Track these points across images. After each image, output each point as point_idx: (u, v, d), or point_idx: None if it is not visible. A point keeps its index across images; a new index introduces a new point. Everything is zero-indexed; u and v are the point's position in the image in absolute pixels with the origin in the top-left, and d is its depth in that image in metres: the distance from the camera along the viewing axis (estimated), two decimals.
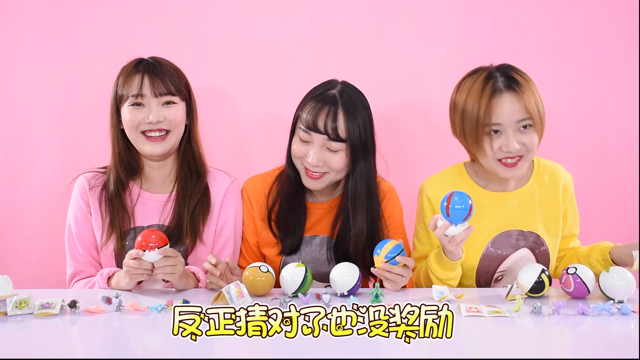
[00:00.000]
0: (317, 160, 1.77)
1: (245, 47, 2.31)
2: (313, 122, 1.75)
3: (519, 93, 1.71)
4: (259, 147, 2.32)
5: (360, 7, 2.31)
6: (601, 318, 1.47)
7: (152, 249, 1.61)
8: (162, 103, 1.83)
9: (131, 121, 1.82)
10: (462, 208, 1.58)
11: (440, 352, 1.28)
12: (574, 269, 1.62)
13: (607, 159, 2.33)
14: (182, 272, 1.68)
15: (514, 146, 1.70)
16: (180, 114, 1.86)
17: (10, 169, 2.29)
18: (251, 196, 1.92)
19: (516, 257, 1.84)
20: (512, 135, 1.71)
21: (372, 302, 1.56)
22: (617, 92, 2.32)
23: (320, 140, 1.77)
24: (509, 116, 1.70)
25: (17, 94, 2.28)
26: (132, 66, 1.85)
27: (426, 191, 1.87)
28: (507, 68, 1.77)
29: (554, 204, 1.86)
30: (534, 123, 1.72)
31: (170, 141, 1.85)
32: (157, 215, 1.88)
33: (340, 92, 1.79)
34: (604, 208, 2.32)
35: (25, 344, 1.32)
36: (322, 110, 1.75)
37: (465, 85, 1.77)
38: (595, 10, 2.30)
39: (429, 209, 1.86)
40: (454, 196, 1.59)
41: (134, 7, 2.28)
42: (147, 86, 1.81)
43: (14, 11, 2.27)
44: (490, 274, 1.86)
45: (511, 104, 1.70)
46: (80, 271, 1.87)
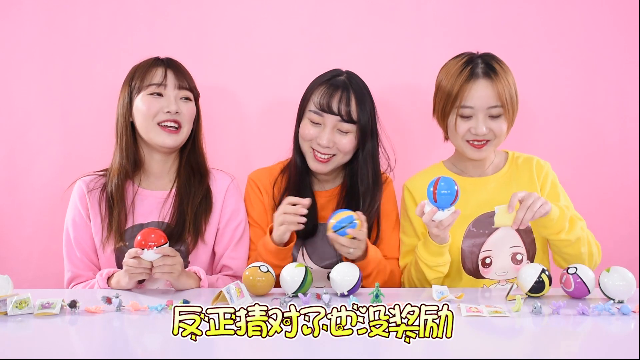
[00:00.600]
0: (328, 141, 1.84)
1: (246, 46, 2.31)
2: (327, 105, 1.83)
3: (494, 81, 1.79)
4: (259, 146, 2.32)
5: (360, 7, 2.31)
6: (601, 318, 1.47)
7: (151, 247, 1.61)
8: (181, 97, 1.88)
9: (148, 109, 1.84)
10: (448, 193, 1.61)
11: (440, 352, 1.28)
12: (574, 268, 1.62)
13: (607, 159, 2.33)
14: (180, 272, 1.68)
15: (481, 129, 1.80)
16: (193, 111, 1.91)
17: (10, 169, 2.29)
18: (259, 185, 1.97)
19: (499, 234, 1.87)
20: (482, 119, 1.80)
21: (372, 302, 1.57)
22: (617, 92, 2.32)
23: (333, 122, 1.84)
24: (482, 101, 1.79)
25: (17, 94, 2.29)
26: (152, 60, 1.89)
27: (408, 187, 1.96)
28: (489, 57, 1.86)
29: (529, 187, 1.89)
30: (504, 111, 1.80)
31: (181, 135, 1.88)
32: (156, 212, 1.89)
33: (349, 78, 1.89)
34: (604, 208, 2.32)
35: (25, 344, 1.32)
36: (335, 93, 1.84)
37: (447, 66, 1.88)
38: (595, 10, 2.30)
39: (412, 202, 1.93)
40: (440, 181, 1.62)
41: (134, 7, 2.29)
42: (171, 77, 1.86)
43: (14, 11, 2.27)
44: (475, 255, 1.87)
45: (485, 89, 1.79)
46: (77, 276, 1.87)
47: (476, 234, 1.87)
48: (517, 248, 1.86)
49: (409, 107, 2.33)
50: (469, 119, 1.81)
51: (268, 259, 1.78)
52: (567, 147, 2.32)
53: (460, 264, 1.88)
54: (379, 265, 1.82)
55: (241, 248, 1.93)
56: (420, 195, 1.91)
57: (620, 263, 1.73)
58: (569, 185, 1.97)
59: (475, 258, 1.88)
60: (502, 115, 1.80)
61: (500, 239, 1.87)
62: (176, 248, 1.75)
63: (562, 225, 1.74)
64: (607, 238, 2.25)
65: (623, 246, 2.33)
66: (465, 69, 1.81)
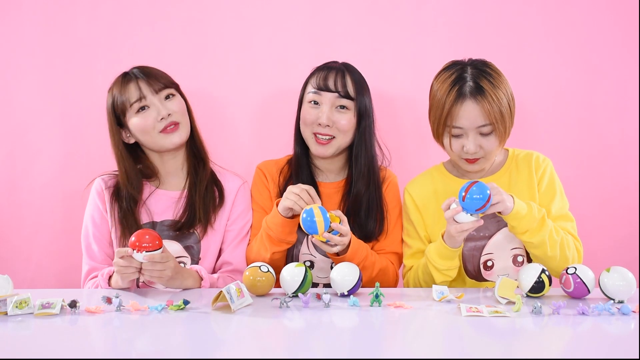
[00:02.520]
0: (327, 119, 1.88)
1: (246, 46, 2.31)
2: (324, 83, 1.89)
3: (481, 100, 1.77)
4: (260, 146, 2.32)
5: (360, 7, 2.31)
6: (601, 318, 1.47)
7: (140, 250, 1.61)
8: (164, 97, 1.89)
9: (144, 125, 1.87)
10: (479, 198, 1.61)
11: (441, 352, 1.28)
12: (573, 269, 1.62)
13: (607, 159, 2.33)
14: (170, 277, 1.68)
15: (471, 148, 1.79)
16: (182, 104, 1.93)
17: (10, 169, 2.29)
18: (266, 172, 2.01)
19: (499, 236, 1.86)
20: (472, 138, 1.79)
21: (372, 302, 1.57)
22: (617, 92, 2.32)
23: (331, 99, 1.89)
24: (470, 122, 1.78)
25: (17, 94, 2.29)
26: (121, 78, 1.91)
27: (409, 190, 1.96)
28: (479, 70, 1.80)
29: (528, 183, 1.88)
30: (494, 129, 1.78)
31: (184, 129, 1.92)
32: (170, 210, 1.92)
33: (345, 65, 1.95)
34: (604, 208, 2.32)
35: (25, 344, 1.32)
36: (330, 73, 1.91)
37: (440, 79, 1.84)
38: (595, 10, 2.30)
39: (413, 205, 1.93)
40: (473, 186, 1.62)
41: (134, 8, 2.29)
42: (144, 87, 1.87)
43: (14, 11, 2.27)
44: (476, 258, 1.87)
45: (473, 110, 1.77)
46: (94, 268, 1.90)
47: (477, 237, 1.87)
48: (517, 250, 1.86)
49: (408, 107, 2.32)
50: (461, 137, 1.80)
51: (275, 231, 1.81)
52: (567, 147, 2.32)
53: (462, 268, 1.87)
54: (365, 261, 1.83)
55: (243, 245, 1.96)
56: (421, 198, 1.92)
57: (620, 263, 1.73)
58: (569, 185, 1.97)
59: (477, 261, 1.87)
60: (493, 132, 1.79)
61: (501, 241, 1.86)
62: (188, 238, 1.84)
63: (528, 226, 1.72)
64: (607, 238, 2.26)
65: (623, 246, 2.33)
66: (454, 88, 1.78)
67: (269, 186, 1.99)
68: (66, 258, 2.29)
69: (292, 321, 1.47)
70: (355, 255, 1.80)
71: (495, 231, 1.86)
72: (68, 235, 2.26)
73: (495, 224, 1.87)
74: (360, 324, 1.46)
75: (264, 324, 1.44)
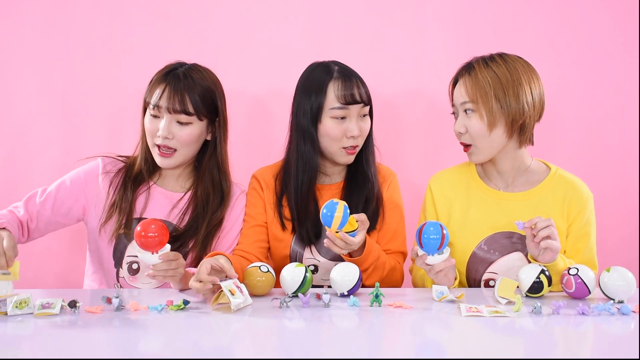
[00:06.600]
0: (360, 129, 1.85)
1: (246, 46, 2.31)
2: (351, 96, 1.83)
3: (469, 76, 1.74)
4: (260, 146, 2.32)
5: (360, 7, 2.31)
6: (601, 318, 1.47)
7: (148, 244, 1.58)
8: (176, 120, 1.80)
9: (148, 130, 1.83)
10: (435, 238, 1.58)
11: (441, 352, 1.28)
12: (575, 269, 1.62)
13: (607, 159, 2.33)
14: (182, 274, 1.67)
15: (457, 127, 1.77)
16: (194, 134, 1.82)
17: (10, 169, 2.29)
18: (262, 181, 1.96)
19: (510, 259, 1.79)
20: (460, 117, 1.77)
21: (372, 302, 1.57)
22: (617, 92, 2.32)
23: (357, 110, 1.85)
24: (456, 98, 1.77)
25: (17, 94, 2.29)
26: (162, 73, 1.82)
27: (430, 184, 1.92)
28: (492, 55, 1.78)
29: (561, 210, 1.79)
30: (476, 108, 1.72)
31: (177, 159, 1.83)
32: (165, 211, 1.88)
33: (342, 65, 1.89)
34: (604, 208, 2.32)
35: (25, 344, 1.32)
36: (349, 83, 1.84)
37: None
38: (595, 10, 2.30)
39: (430, 199, 1.90)
40: (426, 226, 1.59)
41: (134, 8, 2.29)
42: (164, 99, 1.78)
43: (14, 11, 2.27)
44: (479, 273, 1.81)
45: (460, 87, 1.76)
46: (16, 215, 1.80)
47: (486, 252, 1.80)
48: None
49: (408, 107, 2.32)
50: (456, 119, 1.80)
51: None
52: (567, 147, 2.32)
53: (464, 275, 1.84)
54: (377, 261, 1.82)
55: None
56: (438, 191, 1.88)
57: (620, 263, 1.73)
58: None
59: (479, 277, 1.82)
60: (475, 113, 1.72)
61: (510, 266, 1.78)
62: (176, 250, 1.75)
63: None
64: (607, 238, 2.26)
65: (623, 246, 2.33)
66: (458, 70, 1.80)
67: (264, 195, 1.95)
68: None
69: (292, 321, 1.47)
70: (369, 257, 1.79)
71: (507, 252, 1.80)
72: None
73: (510, 245, 1.80)
74: (360, 324, 1.46)
75: (264, 324, 1.44)
